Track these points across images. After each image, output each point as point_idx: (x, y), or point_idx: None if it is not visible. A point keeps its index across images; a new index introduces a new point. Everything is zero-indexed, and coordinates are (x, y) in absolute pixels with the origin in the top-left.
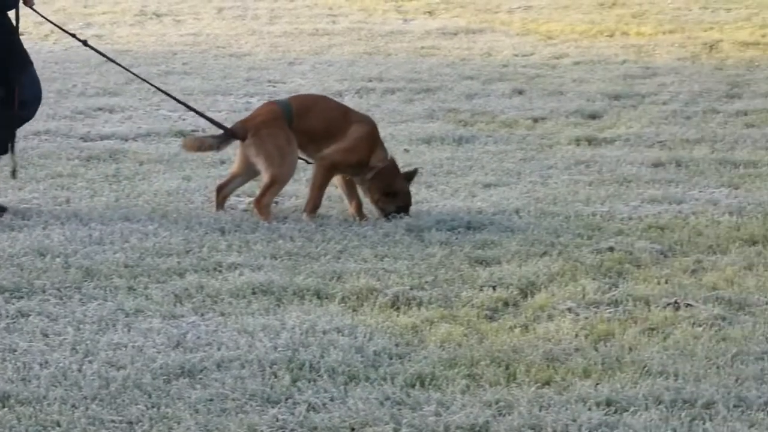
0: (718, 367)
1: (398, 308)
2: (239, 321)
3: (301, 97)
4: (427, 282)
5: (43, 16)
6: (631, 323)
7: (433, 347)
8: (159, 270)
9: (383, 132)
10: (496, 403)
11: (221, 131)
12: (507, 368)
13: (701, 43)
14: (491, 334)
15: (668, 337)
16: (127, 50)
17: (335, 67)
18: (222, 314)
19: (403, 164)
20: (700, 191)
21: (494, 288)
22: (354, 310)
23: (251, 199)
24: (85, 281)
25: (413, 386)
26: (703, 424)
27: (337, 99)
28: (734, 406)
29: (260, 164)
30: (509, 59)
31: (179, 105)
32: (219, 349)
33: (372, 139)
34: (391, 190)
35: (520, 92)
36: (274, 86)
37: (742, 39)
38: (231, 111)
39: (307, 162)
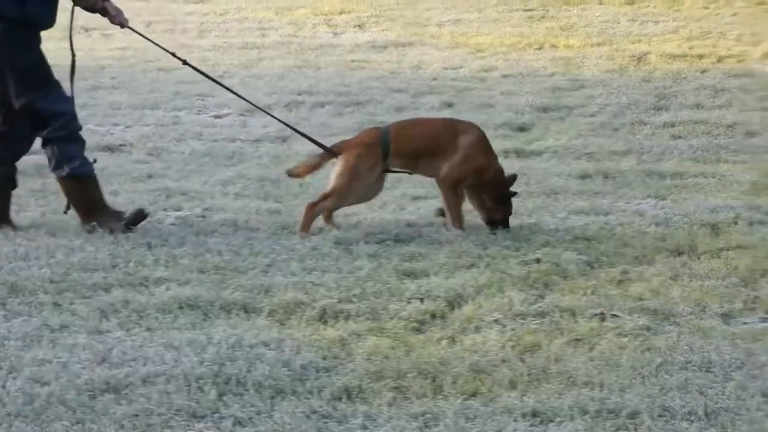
0: (643, 377)
1: (326, 321)
2: (165, 336)
3: (400, 122)
4: (354, 295)
5: (140, 34)
6: (558, 334)
7: (360, 360)
8: (85, 285)
9: (312, 145)
10: (423, 415)
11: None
12: (434, 380)
13: (629, 56)
14: (418, 346)
15: (594, 347)
16: (55, 65)
17: (264, 81)
18: (148, 329)
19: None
20: (627, 202)
21: (422, 300)
22: (281, 324)
23: (178, 213)
24: (10, 297)
25: (340, 399)
26: None
27: (289, 113)
28: (658, 416)
29: (333, 174)
30: (439, 72)
31: (106, 119)
32: (145, 365)
33: (484, 144)
34: (504, 198)
35: (450, 105)
36: (203, 100)
37: (669, 51)
38: (159, 125)
39: (409, 174)
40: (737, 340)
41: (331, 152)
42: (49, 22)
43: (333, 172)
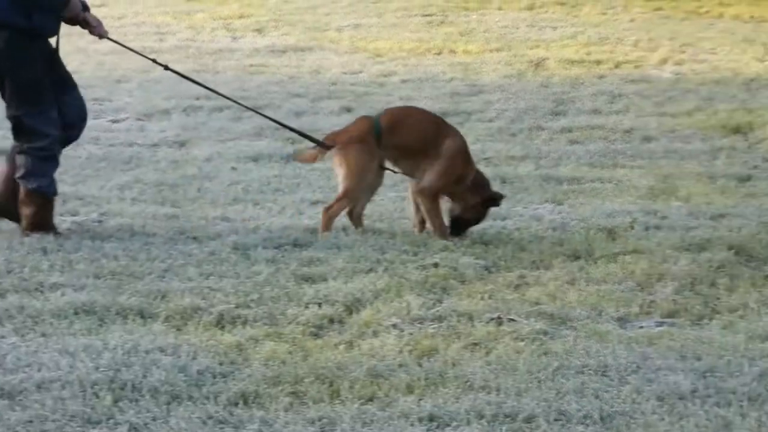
0: (539, 381)
1: (223, 327)
2: (60, 341)
3: (392, 111)
4: (252, 300)
5: (120, 44)
6: (455, 338)
7: (257, 365)
8: None
9: (210, 150)
10: (320, 420)
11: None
12: (331, 385)
13: (527, 61)
14: (316, 351)
15: (491, 351)
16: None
17: (163, 85)
18: (43, 335)
19: (230, 182)
20: (524, 207)
21: (320, 305)
22: (178, 330)
23: (74, 218)
24: None
25: (236, 405)
26: None
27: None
28: (554, 420)
29: (339, 176)
30: (338, 77)
31: (4, 123)
32: (39, 370)
33: (465, 152)
34: (487, 197)
35: (349, 110)
36: (100, 104)
37: (567, 57)
38: None
39: (394, 172)
40: (633, 343)
41: (324, 146)
42: (53, 31)
43: (339, 175)
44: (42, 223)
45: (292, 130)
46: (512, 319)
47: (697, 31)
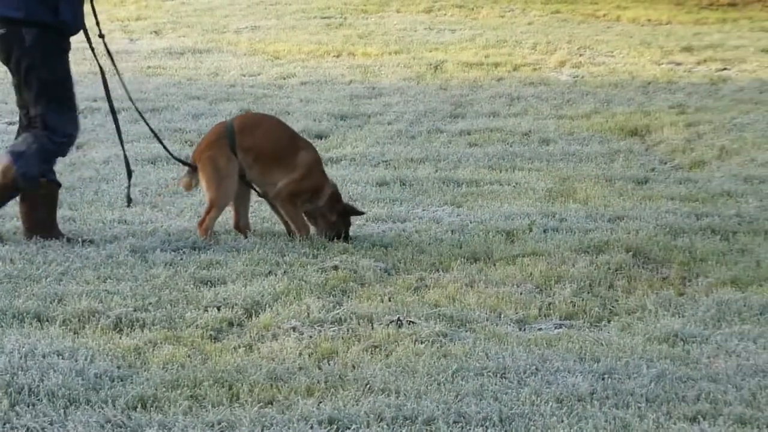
0: (439, 384)
1: (121, 330)
2: None
3: (246, 115)
4: (150, 303)
5: (108, 51)
6: (355, 341)
7: (155, 369)
8: None
9: (108, 152)
10: (219, 423)
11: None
12: (230, 388)
13: (426, 64)
14: (215, 354)
15: (391, 354)
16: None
17: None
18: None
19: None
20: (424, 210)
21: (219, 308)
22: (75, 333)
23: None
24: None
25: (135, 409)
26: None
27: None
28: (454, 422)
29: (203, 187)
30: (236, 79)
31: None
32: None
33: (320, 164)
34: (345, 211)
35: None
36: None
37: (466, 60)
38: None
39: (257, 192)
40: (532, 345)
41: (190, 165)
42: (77, 28)
43: (202, 184)
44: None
45: (166, 150)
46: (412, 322)
47: (594, 34)
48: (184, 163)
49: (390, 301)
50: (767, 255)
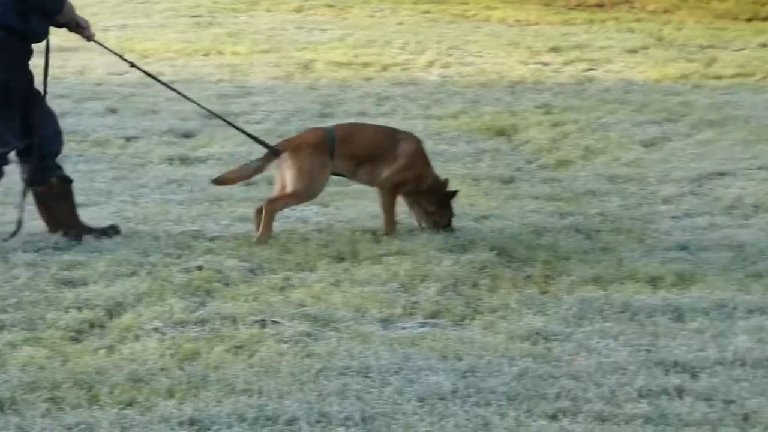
0: (302, 384)
1: None
2: None
3: (343, 125)
4: (10, 305)
5: (102, 45)
6: (218, 342)
7: (13, 371)
8: None
9: None
10: (77, 426)
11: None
12: (90, 390)
13: (295, 63)
14: (75, 356)
15: (254, 354)
16: None
17: None
18: None
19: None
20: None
21: (80, 309)
22: None
23: None
24: None
25: None
26: None
27: None
28: (316, 422)
29: (289, 178)
30: (103, 78)
31: None
32: None
33: (423, 153)
34: (446, 203)
35: (113, 111)
36: None
37: (335, 59)
38: None
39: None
40: (396, 345)
41: (275, 151)
42: (44, 36)
43: (288, 175)
44: None
45: (245, 133)
46: (276, 322)
47: (463, 35)
48: (268, 147)
49: (254, 301)
50: (629, 254)
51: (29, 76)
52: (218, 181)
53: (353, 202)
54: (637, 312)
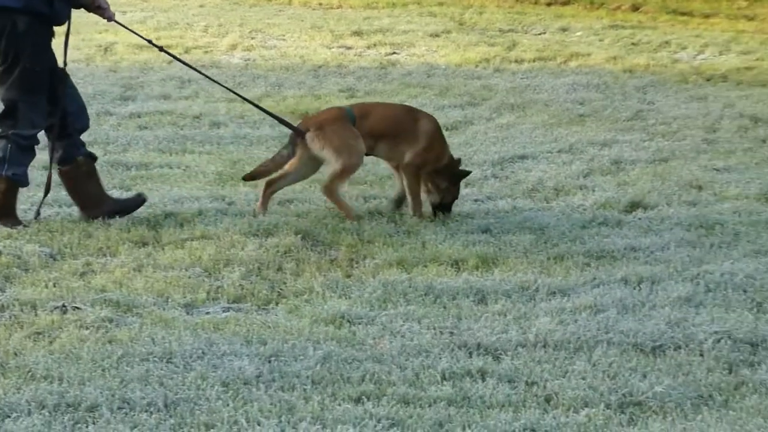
0: (103, 370)
1: None
2: None
3: (360, 103)
4: None
5: (123, 26)
6: (17, 328)
7: None
8: None
9: None
10: None
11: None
12: None
13: (96, 46)
14: None
15: (54, 340)
16: None
17: None
18: None
19: None
20: None
21: None
22: None
23: None
24: None
25: None
26: (86, 427)
27: None
28: (118, 408)
29: (329, 156)
30: None
31: None
32: None
33: (440, 131)
34: (457, 179)
35: None
36: None
37: (136, 42)
38: None
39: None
40: (199, 330)
41: (298, 132)
42: (65, 19)
43: (324, 153)
44: (6, 211)
45: (272, 115)
46: (77, 308)
47: (266, 18)
48: (292, 127)
49: (55, 286)
50: (433, 237)
51: (53, 58)
52: (249, 177)
53: (155, 186)
54: (440, 295)
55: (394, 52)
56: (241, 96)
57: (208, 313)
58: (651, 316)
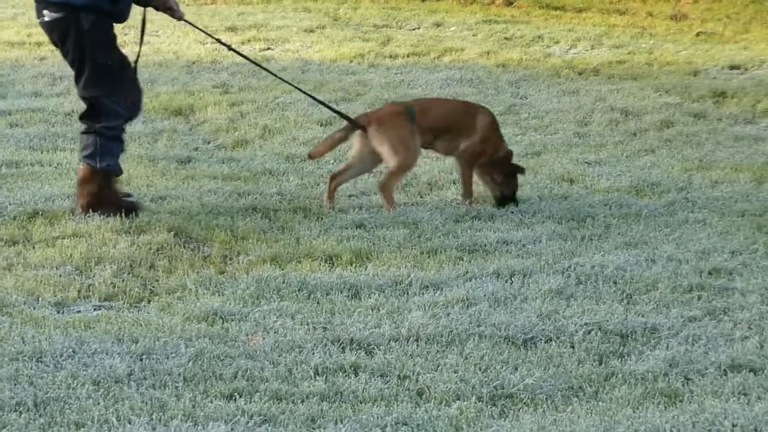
0: None
1: None
2: None
3: (419, 100)
4: None
5: (193, 25)
6: None
7: None
8: None
9: None
10: None
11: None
12: None
13: None
14: None
15: None
16: None
17: None
18: None
19: None
20: None
21: None
22: None
23: None
24: None
25: None
26: None
27: None
28: None
29: (385, 153)
30: None
31: None
32: None
33: (497, 124)
34: (513, 172)
35: None
36: None
37: (7, 38)
38: None
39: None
40: (70, 328)
41: (357, 125)
42: (126, 17)
43: (382, 149)
44: (105, 200)
45: (327, 106)
46: None
47: (139, 13)
48: (352, 121)
49: None
50: (307, 232)
51: (122, 53)
52: (312, 155)
53: (26, 184)
54: (314, 290)
55: (269, 48)
56: (302, 90)
57: (79, 311)
58: (522, 309)
